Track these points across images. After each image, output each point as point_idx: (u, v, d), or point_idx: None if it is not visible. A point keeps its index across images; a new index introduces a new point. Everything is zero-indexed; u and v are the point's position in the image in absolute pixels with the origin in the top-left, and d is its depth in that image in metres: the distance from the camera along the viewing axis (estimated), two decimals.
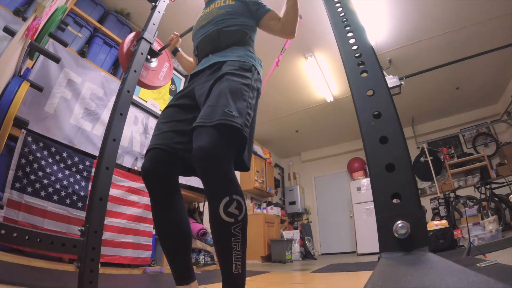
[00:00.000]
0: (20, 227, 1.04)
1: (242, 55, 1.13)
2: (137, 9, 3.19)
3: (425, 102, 5.35)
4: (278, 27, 1.27)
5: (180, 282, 0.97)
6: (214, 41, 1.20)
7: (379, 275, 0.48)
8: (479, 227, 3.57)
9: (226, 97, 0.92)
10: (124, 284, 1.90)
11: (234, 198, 0.84)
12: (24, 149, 1.92)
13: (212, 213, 0.85)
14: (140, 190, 2.62)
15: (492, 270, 1.66)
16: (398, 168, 0.62)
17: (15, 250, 1.77)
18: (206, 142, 0.82)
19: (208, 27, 1.25)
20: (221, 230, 0.85)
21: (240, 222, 0.84)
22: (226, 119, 0.86)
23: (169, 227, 1.01)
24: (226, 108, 0.88)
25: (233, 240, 0.84)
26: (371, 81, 0.75)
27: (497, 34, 3.56)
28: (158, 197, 1.02)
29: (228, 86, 0.95)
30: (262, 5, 1.30)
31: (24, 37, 1.41)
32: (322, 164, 7.33)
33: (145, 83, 1.75)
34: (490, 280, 0.35)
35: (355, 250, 5.79)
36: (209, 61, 1.15)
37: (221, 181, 0.85)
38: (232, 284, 0.86)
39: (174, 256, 1.00)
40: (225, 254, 0.85)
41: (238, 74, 1.01)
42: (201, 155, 0.83)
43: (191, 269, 1.01)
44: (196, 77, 1.17)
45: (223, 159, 0.85)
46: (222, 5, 1.29)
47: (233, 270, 0.84)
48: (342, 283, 2.13)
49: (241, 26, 1.24)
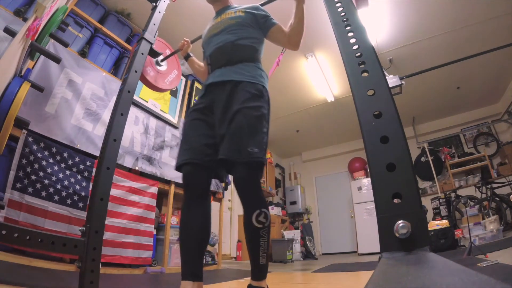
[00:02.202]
0: (21, 228, 1.05)
1: (254, 75, 1.27)
2: (138, 9, 3.19)
3: (426, 102, 5.35)
4: (285, 39, 1.38)
5: (188, 277, 1.07)
6: (228, 54, 1.31)
7: (380, 275, 0.48)
8: (480, 227, 3.56)
9: (246, 134, 1.12)
10: (125, 284, 1.90)
11: (262, 210, 1.11)
12: (25, 149, 1.92)
13: (247, 221, 1.11)
14: (141, 190, 2.63)
15: (493, 270, 1.66)
16: (399, 167, 0.62)
17: (16, 250, 1.78)
18: (241, 175, 1.11)
19: (221, 36, 1.35)
20: (252, 233, 1.12)
21: (266, 227, 1.12)
22: (251, 157, 1.09)
23: (192, 225, 1.16)
24: (248, 147, 1.10)
25: (261, 240, 1.11)
26: (372, 81, 0.75)
27: (497, 33, 3.56)
28: (192, 199, 1.21)
29: (247, 122, 1.14)
30: (269, 18, 1.41)
31: (24, 37, 1.41)
32: (323, 164, 7.33)
33: (149, 81, 1.78)
34: (491, 280, 0.35)
35: (356, 250, 5.78)
36: (225, 76, 1.26)
37: (254, 199, 1.13)
38: (259, 272, 1.14)
39: (192, 250, 1.14)
40: (255, 250, 1.12)
41: (253, 106, 1.17)
42: (241, 184, 1.12)
43: (201, 269, 1.13)
44: (214, 89, 1.28)
45: (255, 184, 1.14)
46: (233, 15, 1.39)
47: (260, 261, 1.12)
48: (343, 283, 2.13)
49: (252, 40, 1.35)
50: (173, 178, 3.07)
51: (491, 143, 5.50)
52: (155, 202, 2.73)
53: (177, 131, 3.35)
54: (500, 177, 4.55)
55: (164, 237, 2.81)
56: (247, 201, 1.13)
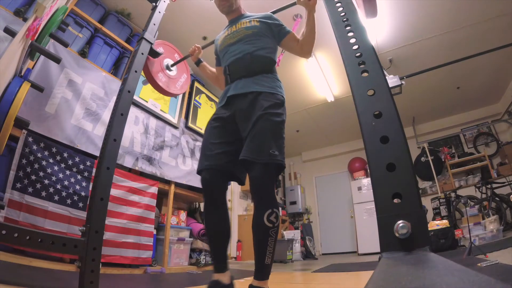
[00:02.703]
0: (21, 228, 1.05)
1: (273, 86, 1.34)
2: (138, 9, 3.19)
3: (426, 102, 5.35)
4: (298, 47, 1.46)
5: (217, 270, 1.22)
6: (247, 66, 1.36)
7: (380, 275, 0.48)
8: (480, 227, 3.56)
9: (269, 138, 1.19)
10: (125, 284, 1.90)
11: (274, 210, 1.16)
12: (25, 149, 1.92)
13: (258, 219, 1.16)
14: (141, 190, 2.63)
15: (493, 270, 1.66)
16: (399, 168, 0.62)
17: (16, 250, 1.78)
18: (259, 174, 1.15)
19: (239, 46, 1.40)
20: (262, 232, 1.16)
21: (276, 227, 1.17)
22: (271, 159, 1.16)
23: (215, 226, 1.27)
24: (270, 149, 1.17)
25: (269, 240, 1.15)
26: (372, 81, 0.75)
27: (497, 33, 3.55)
28: (212, 202, 1.28)
29: (269, 127, 1.21)
30: (283, 26, 1.48)
31: (24, 37, 1.41)
32: (323, 164, 7.33)
33: (162, 87, 1.83)
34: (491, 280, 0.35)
35: (356, 250, 5.78)
36: (246, 87, 1.32)
37: (267, 199, 1.18)
38: (262, 271, 1.17)
39: (216, 249, 1.26)
40: (262, 249, 1.16)
41: (275, 113, 1.25)
42: (256, 183, 1.17)
43: (227, 261, 1.25)
44: (236, 100, 1.33)
45: (270, 185, 1.19)
46: (248, 25, 1.44)
47: (265, 261, 1.16)
48: (343, 283, 2.13)
49: (268, 50, 1.42)
50: (173, 178, 3.07)
51: (491, 143, 5.49)
52: (155, 202, 2.73)
53: (177, 131, 3.36)
54: (500, 177, 4.54)
55: (164, 237, 2.81)
56: (261, 200, 1.19)
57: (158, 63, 1.85)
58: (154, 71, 1.81)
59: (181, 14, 3.28)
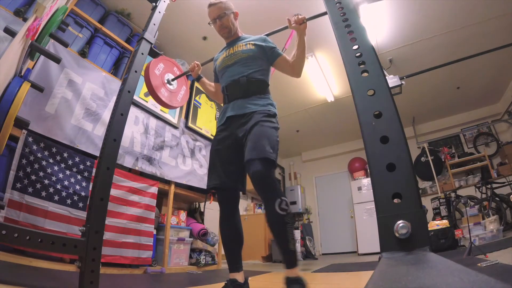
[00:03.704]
0: (21, 228, 1.05)
1: (266, 104, 1.51)
2: (138, 9, 3.19)
3: (426, 102, 5.34)
4: (289, 68, 1.60)
5: (232, 270, 1.38)
6: (243, 88, 1.52)
7: (380, 275, 0.48)
8: (480, 227, 3.56)
9: (263, 139, 1.32)
10: (125, 284, 1.90)
11: (283, 199, 1.26)
12: (25, 149, 1.92)
13: (270, 210, 1.25)
14: (141, 190, 2.63)
15: (493, 270, 1.66)
16: (399, 168, 0.62)
17: (16, 251, 1.77)
18: (259, 168, 1.26)
19: (235, 69, 1.56)
20: (278, 221, 1.25)
21: (289, 214, 1.26)
22: (267, 156, 1.28)
23: (230, 232, 1.44)
24: (265, 148, 1.29)
25: (287, 226, 1.24)
26: (372, 81, 0.75)
27: (497, 33, 3.55)
28: (226, 214, 1.46)
29: (263, 130, 1.36)
30: (275, 49, 1.62)
31: (24, 37, 1.41)
32: (323, 164, 7.33)
33: (165, 102, 1.93)
34: (491, 280, 0.35)
35: (356, 250, 5.78)
36: (242, 109, 1.48)
37: (272, 189, 1.28)
38: (290, 258, 1.28)
39: (230, 254, 1.42)
40: (283, 237, 1.25)
41: (267, 120, 1.42)
42: (258, 175, 1.26)
43: (241, 262, 1.42)
44: (233, 120, 1.50)
45: (271, 176, 1.30)
46: (244, 49, 1.59)
47: (289, 247, 1.26)
48: (343, 283, 2.13)
49: (262, 72, 1.57)
50: (173, 178, 3.07)
51: (491, 143, 5.49)
52: (155, 202, 2.73)
53: (177, 131, 3.35)
54: (500, 177, 4.54)
55: (164, 237, 2.81)
56: (267, 193, 1.28)
57: (160, 79, 1.94)
58: (157, 86, 1.90)
59: (181, 14, 3.28)
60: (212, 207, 3.99)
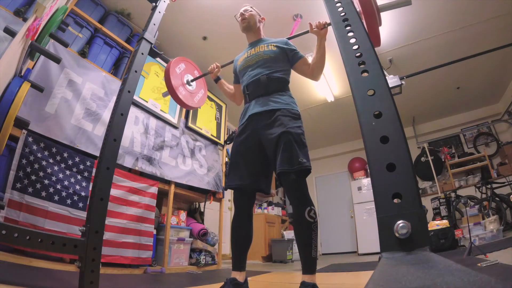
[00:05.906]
0: (21, 228, 1.05)
1: (289, 102, 1.52)
2: (138, 9, 3.19)
3: (426, 102, 5.35)
4: (309, 71, 1.63)
5: (236, 268, 1.41)
6: (264, 86, 1.53)
7: (380, 275, 0.48)
8: (480, 227, 3.56)
9: (295, 149, 1.35)
10: (125, 284, 1.90)
11: (312, 208, 1.33)
12: (25, 149, 1.92)
13: (300, 217, 1.31)
14: (141, 190, 2.62)
15: (493, 270, 1.66)
16: (399, 168, 0.62)
17: (16, 251, 1.77)
18: (293, 181, 1.32)
19: (257, 70, 1.57)
20: (305, 227, 1.30)
21: (316, 222, 1.32)
22: (301, 166, 1.31)
23: (244, 232, 1.47)
24: (299, 158, 1.32)
25: (313, 234, 1.29)
26: (372, 81, 0.75)
27: (497, 33, 3.55)
28: (240, 214, 1.49)
29: (293, 139, 1.37)
30: (296, 51, 1.64)
31: (24, 37, 1.41)
32: (323, 164, 7.33)
33: (182, 100, 1.97)
34: (491, 280, 0.35)
35: (356, 250, 5.78)
36: (264, 106, 1.50)
37: (304, 199, 1.35)
38: (311, 265, 1.30)
39: (237, 252, 1.46)
40: (308, 243, 1.29)
41: (295, 126, 1.43)
42: (294, 187, 1.34)
43: (245, 262, 1.44)
44: (255, 118, 1.51)
45: (303, 187, 1.36)
46: (266, 50, 1.61)
47: (312, 255, 1.29)
48: (343, 283, 2.13)
49: (283, 72, 1.59)
50: (173, 178, 3.07)
51: (491, 143, 5.49)
52: (155, 202, 2.73)
53: (177, 131, 3.35)
54: (500, 177, 4.55)
55: (164, 237, 2.81)
56: (299, 201, 1.34)
57: (180, 78, 1.99)
58: (176, 85, 1.94)
59: (181, 14, 3.28)
60: (212, 207, 3.99)
